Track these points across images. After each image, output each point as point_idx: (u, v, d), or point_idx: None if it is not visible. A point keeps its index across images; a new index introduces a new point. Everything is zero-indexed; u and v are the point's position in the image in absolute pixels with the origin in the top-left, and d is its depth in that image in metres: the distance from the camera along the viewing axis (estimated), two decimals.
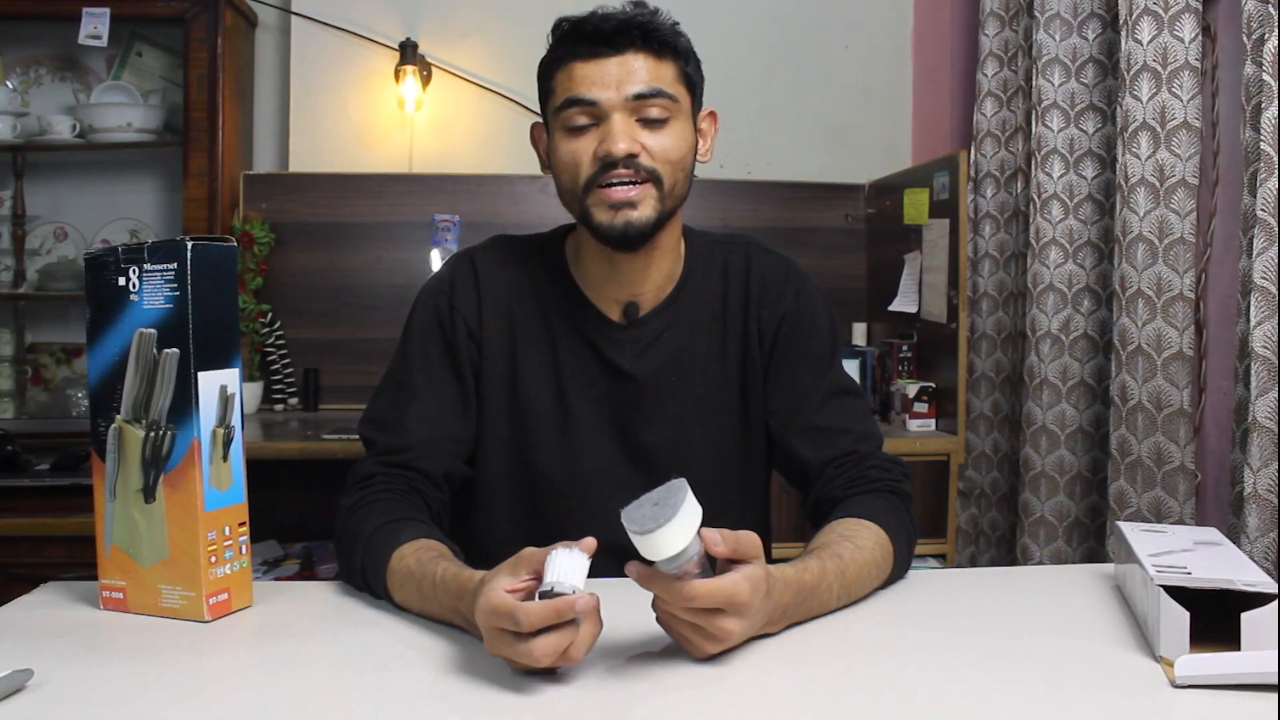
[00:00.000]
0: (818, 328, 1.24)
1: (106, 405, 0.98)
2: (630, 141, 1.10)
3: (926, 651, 0.91)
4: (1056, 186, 2.22)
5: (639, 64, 1.10)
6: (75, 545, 2.12)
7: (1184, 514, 1.92)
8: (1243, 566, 0.90)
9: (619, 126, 1.09)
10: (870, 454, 1.18)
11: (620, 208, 1.11)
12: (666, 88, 1.12)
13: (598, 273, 1.21)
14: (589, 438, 1.21)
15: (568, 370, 1.21)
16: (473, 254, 1.26)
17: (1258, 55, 1.67)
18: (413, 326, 1.23)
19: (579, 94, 1.10)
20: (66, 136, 2.67)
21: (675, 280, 1.23)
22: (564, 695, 0.80)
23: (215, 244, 0.96)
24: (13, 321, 2.81)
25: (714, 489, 1.21)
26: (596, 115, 1.11)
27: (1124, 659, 0.88)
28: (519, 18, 2.91)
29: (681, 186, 1.16)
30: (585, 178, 1.12)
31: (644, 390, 1.21)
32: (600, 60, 1.10)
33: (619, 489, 1.07)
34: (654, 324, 1.22)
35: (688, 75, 1.16)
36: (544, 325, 1.22)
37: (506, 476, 1.23)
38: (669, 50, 1.13)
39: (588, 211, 1.13)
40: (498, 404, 1.22)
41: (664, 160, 1.12)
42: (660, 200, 1.13)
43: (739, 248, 1.27)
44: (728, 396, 1.23)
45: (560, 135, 1.13)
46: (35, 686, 0.80)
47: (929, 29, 2.99)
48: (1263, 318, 1.64)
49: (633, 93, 1.10)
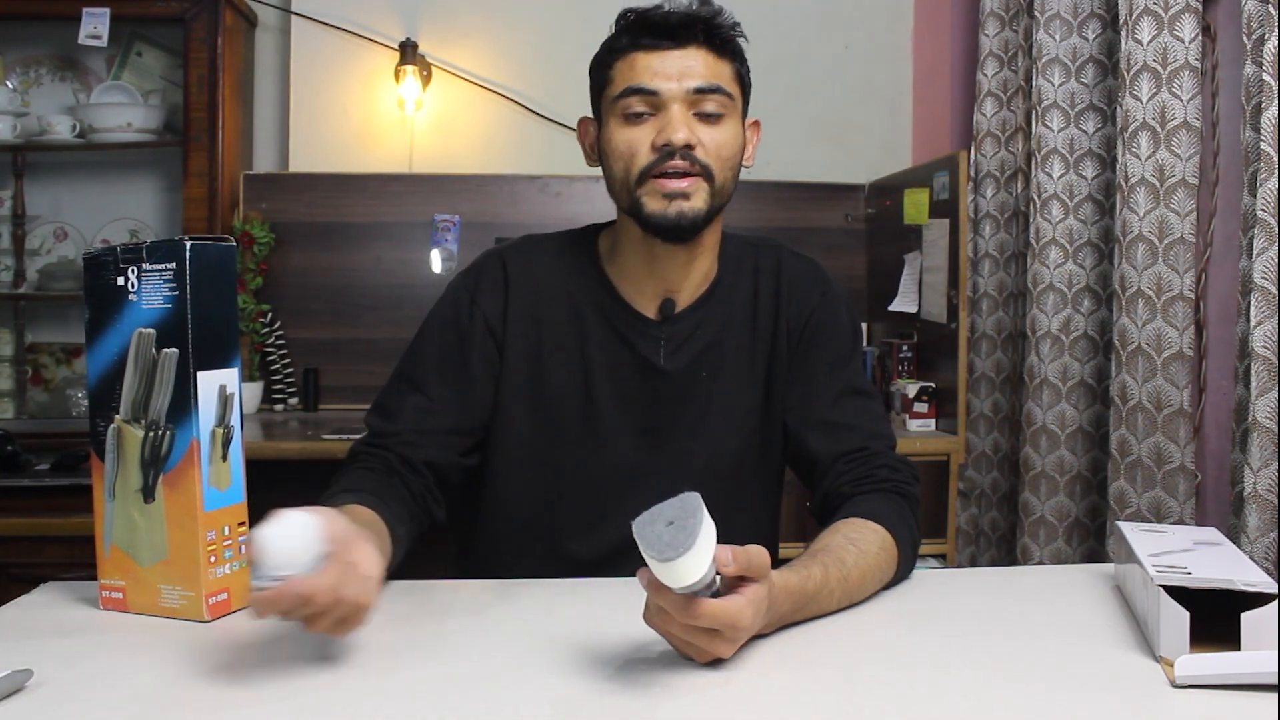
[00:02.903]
0: (840, 327, 1.26)
1: (106, 405, 0.98)
2: (689, 133, 1.11)
3: (927, 651, 0.90)
4: (1056, 186, 2.22)
5: (700, 59, 1.13)
6: (75, 545, 2.12)
7: (1184, 514, 1.92)
8: (1243, 566, 0.90)
9: (678, 116, 1.11)
10: (881, 452, 1.18)
11: (674, 198, 1.12)
12: (725, 85, 1.14)
13: (636, 268, 1.22)
14: (614, 432, 1.21)
15: (597, 365, 1.22)
16: (503, 253, 1.26)
17: (1258, 55, 1.67)
18: (432, 319, 1.25)
19: (640, 83, 1.12)
20: (66, 136, 2.67)
21: (711, 279, 1.24)
22: (564, 696, 0.80)
23: (214, 244, 0.96)
24: (13, 321, 2.81)
25: (734, 484, 1.24)
26: (655, 105, 1.13)
27: (1124, 659, 0.88)
28: (519, 18, 2.91)
29: (730, 185, 1.17)
30: (641, 166, 1.13)
31: (675, 386, 1.22)
32: (663, 52, 1.12)
33: (643, 484, 1.12)
34: (689, 321, 1.23)
35: (742, 77, 1.18)
36: (575, 321, 1.23)
37: (524, 469, 1.23)
38: (729, 49, 1.16)
39: (639, 201, 1.14)
40: (520, 399, 1.22)
41: (717, 156, 1.14)
42: (711, 195, 1.14)
43: (770, 250, 1.29)
44: (754, 392, 1.25)
45: (616, 123, 1.15)
46: (35, 686, 0.80)
47: (929, 29, 2.99)
48: (1263, 318, 1.64)
49: (693, 86, 1.12)
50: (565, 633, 0.93)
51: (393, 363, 1.27)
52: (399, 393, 1.21)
